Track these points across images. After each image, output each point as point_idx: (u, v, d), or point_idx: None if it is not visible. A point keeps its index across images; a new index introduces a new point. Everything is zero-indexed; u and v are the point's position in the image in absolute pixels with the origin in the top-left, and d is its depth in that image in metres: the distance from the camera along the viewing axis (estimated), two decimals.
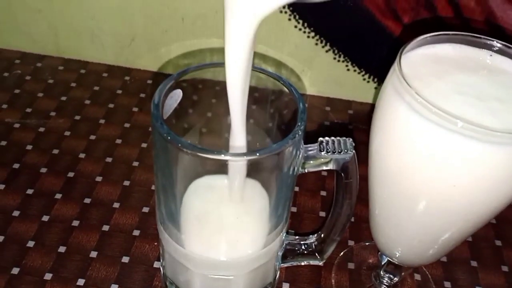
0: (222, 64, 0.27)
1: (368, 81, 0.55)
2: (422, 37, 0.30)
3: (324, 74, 0.55)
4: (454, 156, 0.26)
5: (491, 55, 0.30)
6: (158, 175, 0.31)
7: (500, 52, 0.30)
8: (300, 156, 0.30)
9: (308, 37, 0.52)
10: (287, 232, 0.36)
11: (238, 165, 0.26)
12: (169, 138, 0.27)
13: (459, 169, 0.26)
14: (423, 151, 0.26)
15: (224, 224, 0.33)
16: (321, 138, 0.31)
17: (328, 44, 0.53)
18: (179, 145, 0.27)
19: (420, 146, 0.26)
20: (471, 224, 0.30)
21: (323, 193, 0.46)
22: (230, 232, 0.33)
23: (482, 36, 0.30)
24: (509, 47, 0.30)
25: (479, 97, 0.27)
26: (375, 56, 0.53)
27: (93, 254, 0.39)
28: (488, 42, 0.30)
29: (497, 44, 0.30)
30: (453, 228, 0.30)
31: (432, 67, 0.29)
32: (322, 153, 0.31)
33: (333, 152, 0.31)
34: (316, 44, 0.53)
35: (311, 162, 0.31)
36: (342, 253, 0.41)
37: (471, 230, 0.31)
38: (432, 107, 0.25)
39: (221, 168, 0.29)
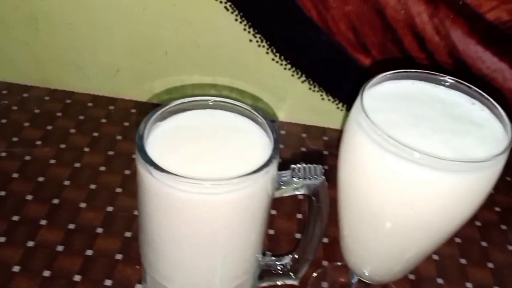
0: (203, 99, 0.35)
1: (342, 110, 0.58)
2: (383, 74, 0.33)
3: (300, 103, 0.58)
4: (410, 182, 0.28)
5: (444, 90, 0.33)
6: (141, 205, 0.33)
7: (452, 87, 0.33)
8: (274, 182, 0.33)
9: (285, 69, 0.55)
10: (264, 254, 0.38)
11: None
12: (152, 167, 0.30)
13: (415, 194, 0.29)
14: (383, 179, 0.29)
15: None
16: (293, 165, 0.34)
17: (303, 75, 0.56)
18: (161, 173, 0.29)
19: (380, 175, 0.29)
20: (431, 242, 0.33)
21: (299, 215, 0.49)
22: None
23: (437, 73, 0.33)
24: (460, 82, 0.33)
25: (433, 128, 0.30)
26: (347, 87, 0.56)
27: (77, 278, 0.41)
28: (442, 78, 0.33)
29: (449, 80, 0.33)
30: (415, 246, 0.33)
31: (391, 101, 0.32)
32: (294, 179, 0.33)
33: (304, 178, 0.33)
34: (292, 75, 0.56)
35: (284, 187, 0.34)
36: (316, 273, 0.44)
37: (432, 248, 0.34)
38: (390, 139, 0.28)
39: None
